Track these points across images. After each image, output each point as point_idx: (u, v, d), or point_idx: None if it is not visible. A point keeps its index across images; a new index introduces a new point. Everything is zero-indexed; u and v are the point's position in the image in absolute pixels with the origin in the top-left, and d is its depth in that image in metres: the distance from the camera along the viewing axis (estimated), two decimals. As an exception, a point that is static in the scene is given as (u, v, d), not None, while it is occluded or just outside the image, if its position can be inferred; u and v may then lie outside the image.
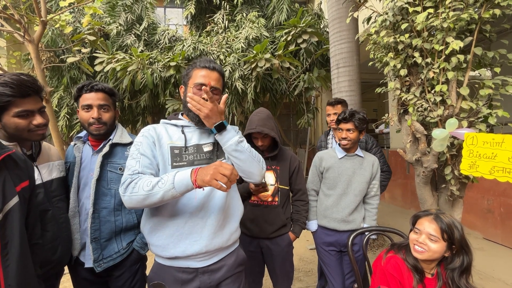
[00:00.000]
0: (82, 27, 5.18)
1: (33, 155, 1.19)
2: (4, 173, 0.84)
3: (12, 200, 0.84)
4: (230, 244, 1.11)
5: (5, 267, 0.80)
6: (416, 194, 1.92)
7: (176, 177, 0.91)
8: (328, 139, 2.41)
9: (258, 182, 1.13)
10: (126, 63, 4.55)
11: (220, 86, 1.12)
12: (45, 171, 1.22)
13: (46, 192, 1.18)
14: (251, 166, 1.05)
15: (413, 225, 1.22)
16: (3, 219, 0.81)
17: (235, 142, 1.01)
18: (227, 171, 0.86)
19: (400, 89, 1.84)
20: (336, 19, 3.60)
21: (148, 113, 6.22)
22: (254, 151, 1.08)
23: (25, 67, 5.77)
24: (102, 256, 1.28)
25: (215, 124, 1.00)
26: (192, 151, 1.08)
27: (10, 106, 1.00)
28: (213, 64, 1.11)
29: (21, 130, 1.05)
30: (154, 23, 6.01)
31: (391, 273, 1.17)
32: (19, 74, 1.04)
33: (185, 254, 1.01)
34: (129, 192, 0.95)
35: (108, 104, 1.34)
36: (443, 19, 1.48)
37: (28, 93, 1.04)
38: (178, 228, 1.02)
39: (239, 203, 1.19)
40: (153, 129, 1.10)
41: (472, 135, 1.36)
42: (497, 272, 2.76)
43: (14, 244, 0.82)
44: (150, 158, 1.03)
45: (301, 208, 1.77)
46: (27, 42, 2.28)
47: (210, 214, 1.04)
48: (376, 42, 1.89)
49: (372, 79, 6.86)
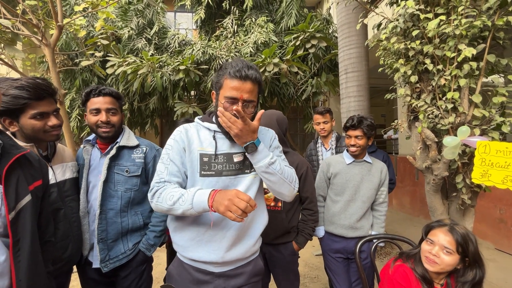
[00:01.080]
0: (95, 31, 5.32)
1: (48, 156, 1.24)
2: (18, 172, 0.87)
3: (25, 198, 0.87)
4: (248, 256, 1.08)
5: (17, 263, 0.83)
6: (425, 201, 1.89)
7: (194, 198, 0.91)
8: (317, 147, 2.40)
9: (288, 201, 1.09)
10: (137, 66, 4.63)
11: (254, 97, 1.01)
12: (59, 171, 1.26)
13: (59, 191, 1.22)
14: (281, 187, 1.02)
15: (426, 235, 1.19)
16: (15, 216, 0.84)
17: (265, 164, 0.97)
18: (242, 204, 0.83)
19: (410, 95, 1.82)
20: (345, 24, 3.60)
21: (157, 116, 6.30)
22: (287, 171, 1.03)
23: (40, 69, 5.95)
24: (108, 256, 1.30)
25: (245, 144, 0.96)
26: (222, 160, 1.03)
27: (27, 108, 1.06)
28: (245, 71, 0.97)
29: (37, 131, 1.10)
30: (165, 28, 6.12)
31: (398, 281, 1.15)
32: (34, 78, 1.09)
33: (202, 260, 1.01)
34: (155, 201, 0.98)
35: (116, 107, 1.37)
36: (455, 26, 1.47)
37: (43, 95, 1.09)
38: (198, 234, 1.01)
39: (263, 216, 1.13)
40: (185, 133, 1.06)
41: (484, 143, 1.34)
42: (509, 285, 2.67)
43: (26, 241, 0.85)
44: (178, 165, 1.03)
45: (308, 218, 1.68)
46: (43, 46, 2.36)
47: (231, 226, 1.01)
48: (386, 48, 1.89)
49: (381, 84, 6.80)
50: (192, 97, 5.88)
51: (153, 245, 1.38)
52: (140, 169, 1.39)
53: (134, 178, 1.37)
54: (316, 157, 2.33)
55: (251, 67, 1.00)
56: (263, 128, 1.17)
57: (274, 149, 1.13)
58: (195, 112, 4.90)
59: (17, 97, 1.03)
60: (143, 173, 1.40)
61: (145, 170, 1.42)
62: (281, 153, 1.14)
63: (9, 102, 1.02)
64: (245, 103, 0.99)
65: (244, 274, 1.07)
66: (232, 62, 1.01)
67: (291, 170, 1.06)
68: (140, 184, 1.39)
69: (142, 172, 1.40)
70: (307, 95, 5.07)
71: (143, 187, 1.40)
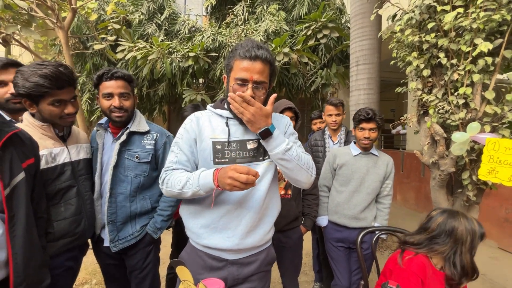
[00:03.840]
0: (106, 15, 5.32)
1: (64, 136, 1.28)
2: (11, 150, 0.91)
3: (19, 175, 0.91)
4: (262, 243, 1.08)
5: (12, 237, 0.87)
6: (429, 197, 1.90)
7: (200, 180, 0.92)
8: (324, 138, 2.35)
9: (306, 189, 1.07)
10: (147, 52, 4.64)
11: (265, 78, 0.97)
12: (74, 151, 1.31)
13: (73, 170, 1.28)
14: (298, 174, 0.98)
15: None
16: (10, 193, 0.88)
17: (281, 150, 0.93)
18: (242, 177, 0.83)
19: (421, 89, 1.80)
20: (359, 14, 3.52)
21: (165, 102, 6.34)
22: (303, 157, 0.99)
23: (51, 52, 6.01)
24: (118, 237, 1.36)
25: (259, 130, 0.92)
26: (235, 147, 1.01)
27: (47, 95, 1.11)
28: (255, 51, 0.94)
29: (54, 116, 1.16)
30: (175, 13, 6.07)
31: (414, 272, 1.13)
32: (58, 65, 1.13)
33: (217, 247, 1.00)
34: (165, 187, 1.00)
35: (128, 91, 1.37)
36: (473, 19, 1.44)
37: (63, 85, 1.13)
38: (213, 221, 1.00)
39: (277, 203, 1.12)
40: (196, 122, 1.04)
41: (494, 140, 1.33)
42: (510, 282, 2.69)
43: (21, 216, 0.89)
44: (187, 154, 1.02)
45: (312, 202, 1.80)
46: (57, 28, 2.39)
47: (246, 213, 1.00)
48: (400, 40, 1.85)
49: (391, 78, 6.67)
50: (201, 85, 5.89)
51: (159, 228, 1.43)
52: (150, 156, 1.41)
53: (144, 165, 1.40)
54: (322, 148, 2.32)
55: (262, 47, 0.96)
56: (277, 115, 1.15)
57: (289, 136, 1.10)
58: (203, 100, 4.92)
59: (39, 85, 1.07)
60: (153, 160, 1.43)
61: (155, 157, 1.44)
62: (296, 139, 1.12)
63: (31, 88, 1.07)
64: (255, 84, 0.95)
65: (257, 262, 1.07)
66: (242, 43, 0.98)
67: (308, 156, 1.03)
68: (150, 170, 1.42)
69: (152, 158, 1.42)
70: (316, 87, 5.01)
71: (152, 173, 1.43)
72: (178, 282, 1.04)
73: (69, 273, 1.29)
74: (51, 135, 1.22)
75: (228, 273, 1.02)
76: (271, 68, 1.00)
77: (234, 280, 1.04)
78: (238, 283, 1.05)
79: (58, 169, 1.21)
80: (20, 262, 0.88)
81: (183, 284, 0.81)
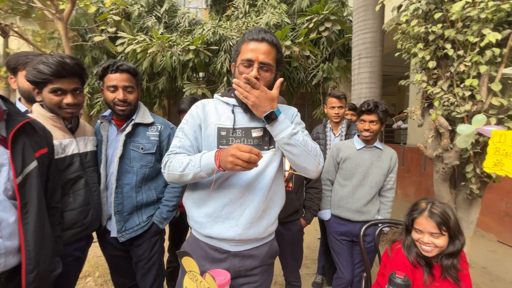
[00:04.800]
0: (105, 7, 5.24)
1: (72, 128, 1.30)
2: (23, 139, 0.92)
3: (32, 164, 0.92)
4: (265, 236, 1.06)
5: (25, 225, 0.89)
6: (430, 191, 1.90)
7: (202, 161, 0.91)
8: (326, 131, 2.35)
9: (314, 178, 1.04)
10: (147, 45, 4.59)
11: (271, 60, 0.96)
12: (82, 143, 1.33)
13: (81, 161, 1.30)
14: (305, 161, 0.95)
15: (411, 225, 1.21)
16: (22, 181, 0.89)
17: (287, 135, 0.91)
18: (245, 156, 0.82)
19: (426, 82, 1.78)
20: (362, 7, 3.47)
21: (165, 96, 6.31)
22: (310, 143, 0.97)
23: (50, 45, 5.94)
24: (125, 227, 1.37)
25: (265, 114, 0.90)
26: (240, 135, 1.00)
27: (48, 83, 1.14)
28: (262, 34, 0.95)
29: (53, 105, 1.18)
30: (175, 6, 6.00)
31: (403, 262, 1.19)
32: (65, 56, 1.16)
33: (219, 237, 0.99)
34: (167, 170, 0.99)
35: (133, 85, 1.39)
36: (481, 9, 1.41)
37: (63, 74, 1.15)
38: (216, 211, 0.99)
39: (281, 195, 1.11)
40: (202, 108, 1.04)
41: (500, 132, 1.32)
42: (509, 275, 2.71)
43: (33, 204, 0.91)
44: (191, 140, 1.02)
45: (314, 195, 1.79)
46: (56, 19, 2.35)
47: (250, 203, 0.99)
48: (405, 32, 1.82)
49: (392, 72, 6.63)
50: (201, 79, 5.84)
51: (166, 218, 1.44)
52: (155, 147, 1.42)
53: (149, 156, 1.41)
54: (323, 141, 2.31)
55: (268, 32, 0.98)
56: (284, 106, 1.14)
57: (296, 125, 1.07)
58: (203, 93, 4.89)
59: (40, 72, 1.12)
60: (157, 151, 1.44)
61: (160, 148, 1.45)
62: (303, 129, 1.09)
63: (35, 75, 1.12)
64: (261, 65, 0.95)
65: (260, 255, 1.06)
66: (250, 29, 1.00)
67: (315, 144, 1.00)
68: (155, 161, 1.43)
69: (156, 149, 1.43)
70: (317, 81, 4.98)
71: (157, 164, 1.44)
72: (181, 274, 1.04)
73: (77, 262, 1.32)
74: (61, 126, 1.23)
75: (230, 265, 1.01)
76: (278, 54, 1.00)
77: (236, 273, 1.02)
78: (240, 275, 1.03)
79: (67, 160, 1.23)
80: (32, 249, 0.89)
81: (189, 275, 0.80)
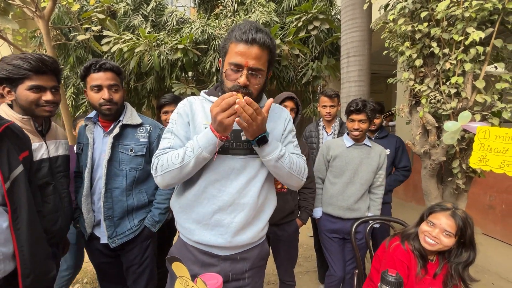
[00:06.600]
0: (89, 5, 5.09)
1: (42, 130, 1.23)
2: (7, 143, 0.89)
3: (18, 168, 0.89)
4: (255, 240, 1.03)
5: (16, 230, 0.86)
6: (418, 187, 1.94)
7: (200, 141, 0.86)
8: (318, 129, 2.36)
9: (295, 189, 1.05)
10: (133, 44, 4.48)
11: (262, 65, 0.88)
12: (52, 147, 1.26)
13: (50, 166, 1.22)
14: (289, 179, 0.97)
15: (427, 217, 1.24)
16: (11, 186, 0.86)
17: (274, 158, 0.89)
18: (223, 105, 0.78)
19: (413, 80, 1.81)
20: (349, 6, 3.50)
21: (154, 97, 6.18)
22: (295, 162, 0.95)
23: (31, 44, 5.72)
24: (116, 233, 1.33)
25: (256, 138, 0.86)
26: (229, 137, 0.93)
27: (25, 79, 1.08)
28: (252, 34, 0.85)
29: (30, 103, 1.11)
30: (162, 4, 5.87)
31: (400, 259, 1.20)
32: (42, 54, 1.11)
33: (209, 244, 0.96)
34: (160, 171, 0.90)
35: (118, 83, 1.33)
36: (465, 8, 1.44)
37: (43, 70, 1.10)
38: (204, 218, 0.95)
39: (273, 200, 1.08)
40: (189, 106, 0.99)
41: (485, 129, 1.35)
42: (493, 266, 2.81)
43: (23, 209, 0.88)
44: (182, 139, 0.96)
45: (309, 195, 1.79)
46: (37, 17, 2.25)
47: (240, 211, 0.95)
48: (393, 30, 1.85)
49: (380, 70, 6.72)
50: (190, 78, 5.76)
51: (158, 221, 1.41)
52: (145, 149, 1.38)
53: (139, 158, 1.37)
54: (316, 139, 2.32)
55: (261, 30, 0.87)
56: (277, 107, 1.07)
57: (288, 133, 1.04)
58: (193, 93, 4.83)
59: (18, 67, 1.05)
60: (147, 153, 1.39)
61: (150, 150, 1.41)
62: (294, 138, 1.07)
63: (10, 71, 1.05)
64: (250, 71, 0.87)
65: (251, 258, 1.03)
66: (240, 24, 0.89)
67: (300, 159, 0.99)
68: (145, 163, 1.39)
69: (146, 151, 1.39)
70: (307, 79, 5.00)
71: (147, 166, 1.40)
72: (170, 280, 1.01)
73: None
74: (30, 129, 1.15)
75: (221, 269, 0.97)
76: (270, 54, 0.91)
77: (227, 277, 0.99)
78: (231, 279, 1.00)
79: (35, 165, 1.14)
80: (27, 254, 0.88)
81: (180, 280, 0.78)
